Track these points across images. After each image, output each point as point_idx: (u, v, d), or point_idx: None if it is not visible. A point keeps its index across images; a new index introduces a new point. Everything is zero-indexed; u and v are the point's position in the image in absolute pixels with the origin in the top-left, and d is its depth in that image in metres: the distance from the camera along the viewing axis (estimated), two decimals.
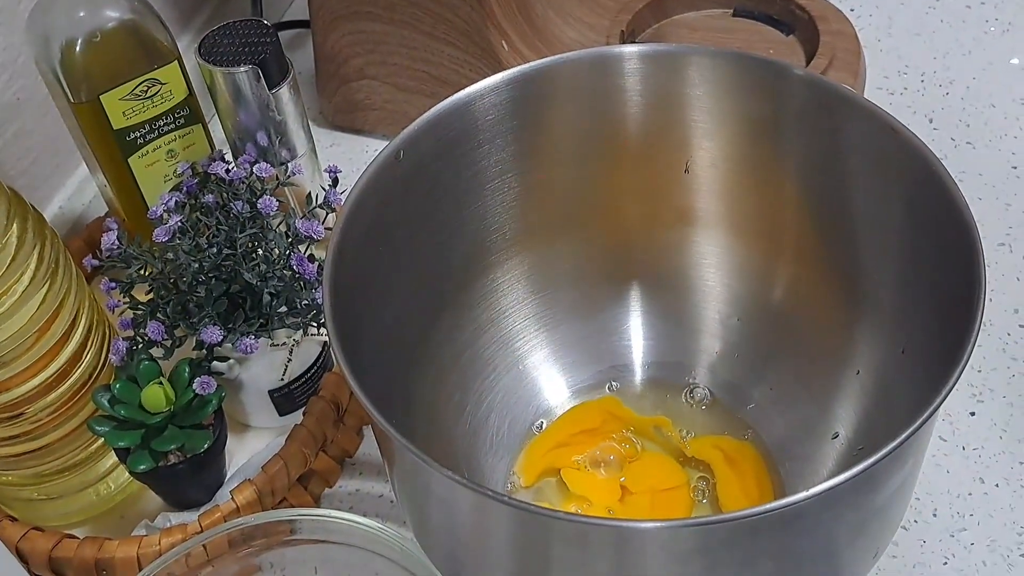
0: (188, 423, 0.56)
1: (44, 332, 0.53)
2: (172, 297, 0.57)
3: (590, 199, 0.57)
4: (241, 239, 0.57)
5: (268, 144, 0.65)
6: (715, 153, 0.55)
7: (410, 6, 0.71)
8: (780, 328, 0.57)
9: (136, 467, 0.55)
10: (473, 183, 0.54)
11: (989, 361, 0.63)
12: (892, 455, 0.37)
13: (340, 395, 0.61)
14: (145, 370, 0.56)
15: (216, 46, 0.63)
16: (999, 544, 0.56)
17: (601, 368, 0.61)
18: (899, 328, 0.50)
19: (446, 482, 0.40)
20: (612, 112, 0.54)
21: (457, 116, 0.51)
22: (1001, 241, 0.68)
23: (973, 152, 0.74)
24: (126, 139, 0.61)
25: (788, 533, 0.40)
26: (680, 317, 0.60)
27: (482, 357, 0.58)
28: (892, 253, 0.50)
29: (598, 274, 0.59)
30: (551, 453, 0.58)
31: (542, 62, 0.52)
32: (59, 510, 0.60)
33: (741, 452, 0.56)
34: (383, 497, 0.61)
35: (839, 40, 0.73)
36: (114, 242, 0.57)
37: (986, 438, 0.60)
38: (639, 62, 0.53)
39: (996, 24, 0.82)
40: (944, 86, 0.78)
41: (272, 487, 0.57)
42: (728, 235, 0.57)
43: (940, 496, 0.58)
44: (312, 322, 0.58)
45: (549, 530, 0.41)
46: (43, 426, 0.56)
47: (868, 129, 0.49)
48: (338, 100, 0.79)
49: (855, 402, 0.53)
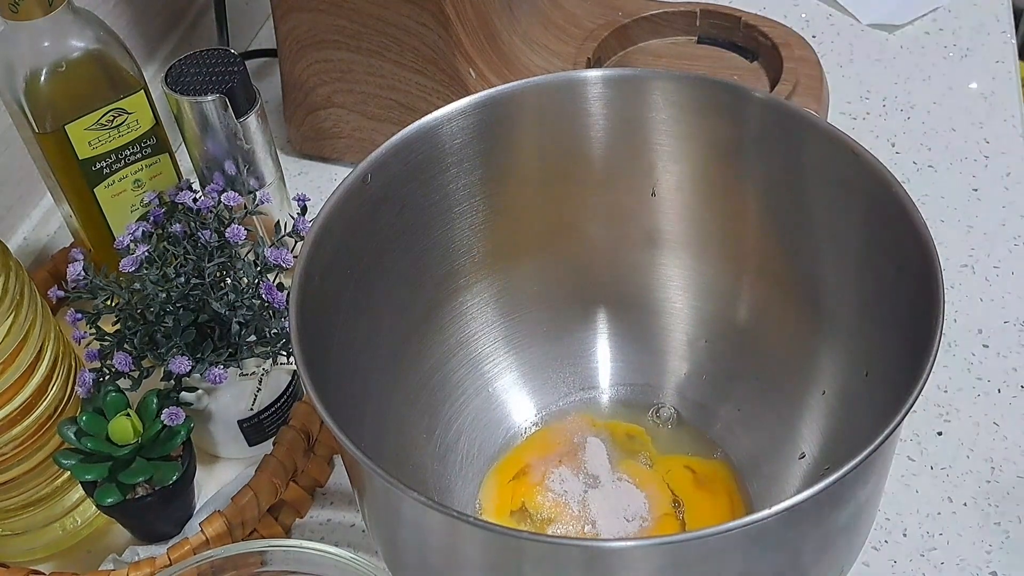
0: (156, 455, 0.56)
1: (9, 364, 0.53)
2: (139, 328, 0.57)
3: (557, 222, 0.57)
4: (209, 268, 0.57)
5: (236, 173, 0.65)
6: (680, 176, 0.55)
7: (377, 35, 0.71)
8: (746, 349, 0.58)
9: (103, 500, 0.55)
10: (441, 206, 0.54)
11: (955, 381, 0.64)
12: (855, 473, 0.38)
13: (310, 424, 0.61)
14: (112, 402, 0.56)
15: (183, 75, 0.63)
16: (968, 563, 0.56)
17: (569, 390, 0.61)
18: (862, 349, 0.51)
19: (416, 506, 0.40)
20: (578, 136, 0.55)
21: (424, 140, 0.51)
22: (964, 263, 0.69)
23: (935, 175, 0.75)
24: (92, 169, 0.61)
25: (755, 550, 0.40)
26: (647, 339, 0.60)
27: (451, 380, 0.58)
28: (853, 275, 0.51)
29: (566, 297, 0.60)
30: (514, 482, 0.58)
31: (508, 86, 0.53)
32: (24, 545, 0.59)
33: (713, 471, 0.57)
34: (354, 527, 0.61)
35: (802, 66, 0.74)
36: (80, 273, 0.57)
37: (954, 457, 0.60)
38: (604, 87, 0.53)
39: (955, 50, 0.83)
40: (905, 111, 0.79)
41: (242, 518, 0.56)
42: (694, 257, 0.58)
43: (909, 516, 0.58)
44: (281, 351, 0.58)
45: (520, 551, 0.41)
46: (8, 460, 0.55)
47: (829, 152, 0.49)
48: (306, 128, 0.79)
49: (821, 422, 0.54)
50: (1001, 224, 0.71)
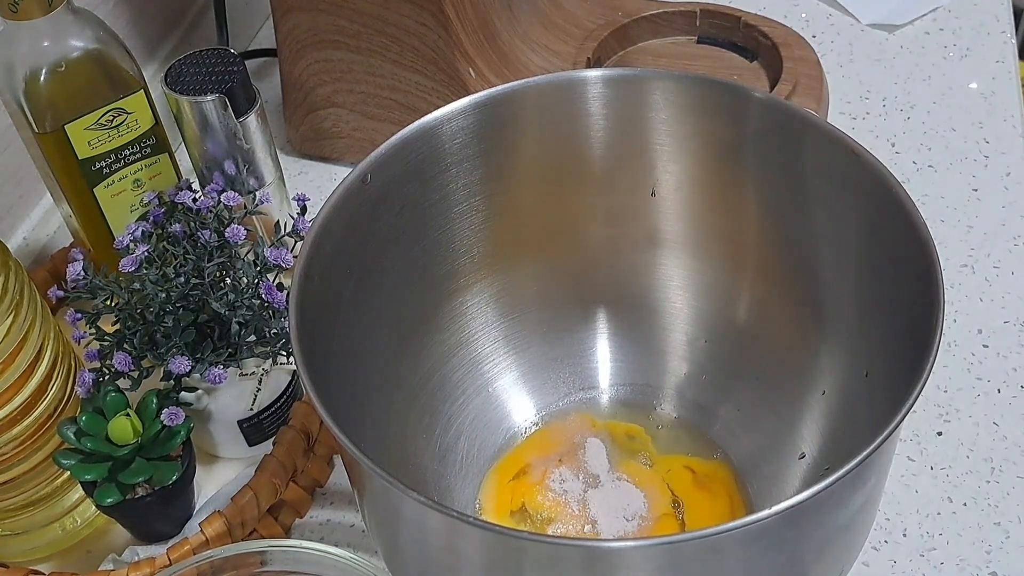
0: (156, 455, 0.56)
1: (8, 365, 0.53)
2: (139, 327, 0.57)
3: (557, 222, 0.57)
4: (209, 268, 0.56)
5: (236, 173, 0.65)
6: (680, 176, 0.55)
7: (377, 34, 0.71)
8: (746, 349, 0.58)
9: (103, 500, 0.55)
10: (441, 206, 0.54)
11: (955, 381, 0.64)
12: (855, 473, 0.38)
13: (310, 424, 0.61)
14: (112, 402, 0.56)
15: (182, 75, 0.63)
16: (968, 563, 0.56)
17: (569, 390, 0.61)
18: (862, 348, 0.51)
19: (416, 506, 0.40)
20: (578, 136, 0.55)
21: (424, 140, 0.51)
22: (964, 263, 0.69)
23: (935, 175, 0.75)
24: (91, 169, 0.61)
25: (755, 550, 0.40)
26: (647, 339, 0.60)
27: (451, 380, 0.58)
28: (853, 275, 0.51)
29: (566, 297, 0.60)
30: (514, 482, 0.57)
31: (508, 86, 0.53)
32: (24, 545, 0.59)
33: (713, 471, 0.57)
34: (354, 527, 0.61)
35: (802, 66, 0.74)
36: (80, 273, 0.57)
37: (953, 458, 0.60)
38: (604, 86, 0.53)
39: (955, 50, 0.83)
40: (905, 111, 0.79)
41: (242, 518, 0.56)
42: (694, 257, 0.58)
43: (909, 516, 0.58)
44: (281, 351, 0.58)
45: (520, 551, 0.40)
46: (7, 460, 0.55)
47: (829, 152, 0.49)
48: (305, 128, 0.79)
49: (821, 422, 0.54)
50: (1001, 224, 0.71)
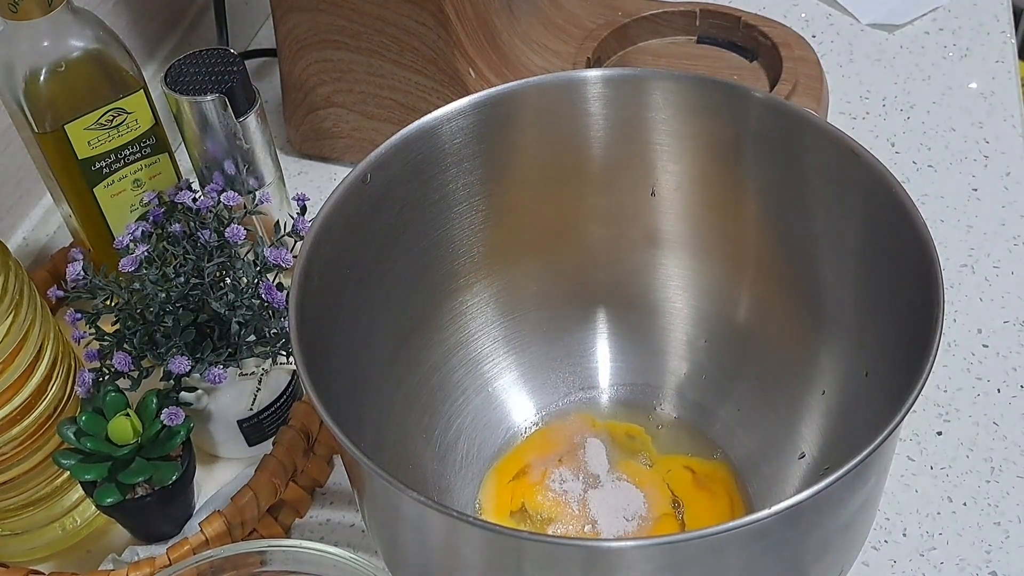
0: (156, 455, 0.56)
1: (8, 365, 0.53)
2: (139, 327, 0.57)
3: (557, 222, 0.57)
4: (209, 268, 0.57)
5: (235, 173, 0.65)
6: (680, 176, 0.55)
7: (377, 34, 0.71)
8: (746, 349, 0.58)
9: (103, 500, 0.55)
10: (440, 206, 0.54)
11: (955, 381, 0.64)
12: (854, 472, 0.38)
13: (310, 424, 0.60)
14: (112, 402, 0.56)
15: (182, 75, 0.63)
16: (968, 563, 0.56)
17: (569, 390, 0.61)
18: (862, 348, 0.51)
19: (416, 506, 0.40)
20: (578, 136, 0.55)
21: (424, 140, 0.51)
22: (963, 263, 0.69)
23: (935, 175, 0.75)
24: (91, 169, 0.61)
25: (754, 550, 0.40)
26: (647, 339, 0.60)
27: (451, 380, 0.58)
28: (853, 275, 0.51)
29: (565, 297, 0.60)
30: (514, 482, 0.57)
31: (508, 86, 0.53)
32: (24, 545, 0.59)
33: (713, 471, 0.57)
34: (354, 527, 0.61)
35: (802, 66, 0.74)
36: (79, 272, 0.57)
37: (953, 457, 0.60)
38: (604, 86, 0.53)
39: (954, 50, 0.83)
40: (905, 110, 0.79)
41: (242, 518, 0.56)
42: (694, 257, 0.58)
43: (909, 516, 0.58)
44: (281, 351, 0.58)
45: (520, 551, 0.41)
46: (7, 460, 0.55)
47: (829, 152, 0.49)
48: (305, 128, 0.79)
49: (821, 422, 0.54)
50: (1001, 224, 0.71)
